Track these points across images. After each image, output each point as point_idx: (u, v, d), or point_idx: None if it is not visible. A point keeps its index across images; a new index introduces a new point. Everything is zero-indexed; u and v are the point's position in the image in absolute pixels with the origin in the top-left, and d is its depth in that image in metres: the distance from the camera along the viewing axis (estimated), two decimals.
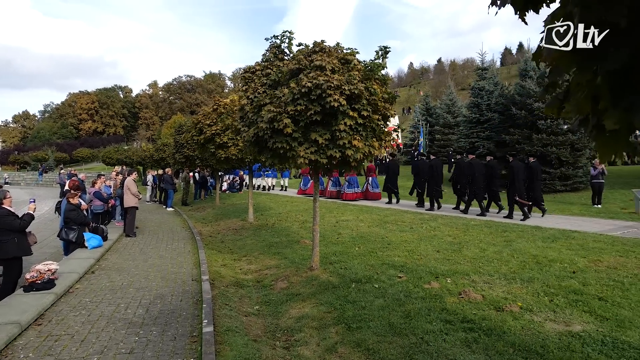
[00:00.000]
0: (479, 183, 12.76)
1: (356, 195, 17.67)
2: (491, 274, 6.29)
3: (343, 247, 8.41)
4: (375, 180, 18.16)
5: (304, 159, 5.58)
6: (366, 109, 5.63)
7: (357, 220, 11.88)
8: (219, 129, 11.50)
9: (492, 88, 21.36)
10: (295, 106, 5.51)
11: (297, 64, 5.68)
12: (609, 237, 8.82)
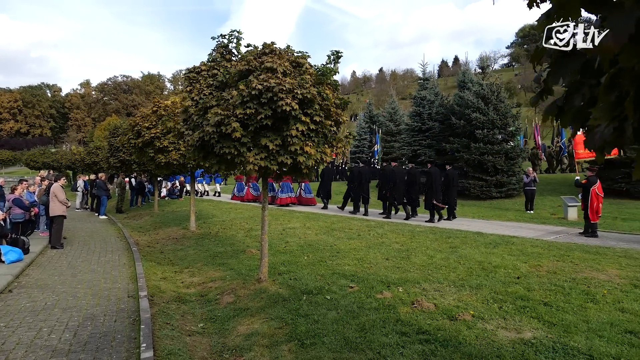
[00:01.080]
0: (400, 189, 13.45)
1: (290, 200, 17.91)
2: (441, 281, 6.31)
3: (291, 257, 8.15)
4: (308, 185, 18.57)
5: (253, 165, 5.28)
6: (319, 114, 5.45)
7: (304, 227, 11.67)
8: (159, 132, 10.83)
9: (433, 98, 22.12)
10: (244, 109, 5.21)
11: (247, 65, 5.38)
12: (545, 242, 9.27)
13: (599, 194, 10.44)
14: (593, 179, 10.59)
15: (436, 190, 12.80)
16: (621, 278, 6.26)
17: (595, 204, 10.33)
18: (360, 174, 14.78)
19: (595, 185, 10.44)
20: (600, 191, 10.50)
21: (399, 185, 13.58)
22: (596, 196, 10.39)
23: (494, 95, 19.16)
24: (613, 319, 4.71)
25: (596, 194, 10.41)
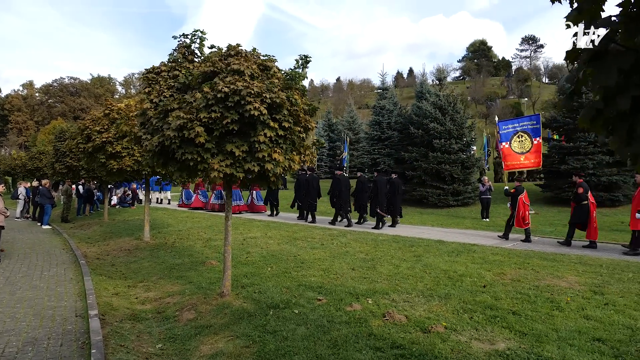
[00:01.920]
0: (344, 197, 13.79)
1: (240, 208, 17.84)
2: (409, 291, 6.22)
3: (254, 268, 7.82)
4: (259, 193, 18.61)
5: (218, 173, 4.97)
6: (287, 119, 5.23)
7: (266, 237, 11.34)
8: (111, 136, 10.18)
9: (392, 107, 22.47)
10: (209, 113, 4.90)
11: (212, 67, 5.08)
12: (504, 249, 9.47)
13: (526, 203, 11.19)
14: (520, 189, 11.37)
15: (381, 199, 13.19)
16: (580, 285, 6.43)
17: (522, 212, 11.08)
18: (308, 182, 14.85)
19: (522, 195, 11.22)
20: (526, 200, 11.27)
21: (344, 193, 13.94)
22: (523, 204, 11.13)
23: (450, 106, 19.68)
24: (580, 326, 4.77)
25: (523, 203, 11.16)
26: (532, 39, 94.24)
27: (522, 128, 13.59)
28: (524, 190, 11.32)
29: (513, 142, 13.52)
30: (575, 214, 10.41)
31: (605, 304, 5.50)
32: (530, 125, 13.55)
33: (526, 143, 13.48)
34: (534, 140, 13.45)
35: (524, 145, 13.46)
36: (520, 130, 13.59)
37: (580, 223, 10.31)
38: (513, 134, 13.60)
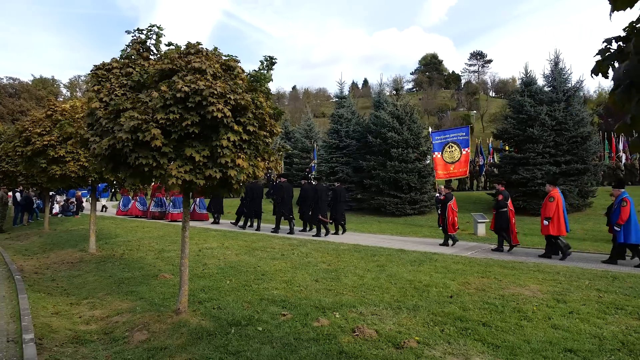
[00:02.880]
0: (287, 204, 14.03)
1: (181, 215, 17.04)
2: (376, 304, 6.02)
3: (212, 281, 7.36)
4: (202, 201, 18.33)
5: (176, 179, 4.55)
6: (252, 123, 4.90)
7: (223, 247, 10.84)
8: (54, 139, 9.34)
9: (350, 116, 22.52)
10: (166, 114, 4.49)
11: (170, 64, 4.68)
12: (465, 258, 9.53)
13: (454, 209, 11.89)
14: (449, 196, 12.04)
15: (322, 206, 13.45)
16: (543, 293, 6.49)
17: (451, 218, 11.72)
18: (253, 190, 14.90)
19: (451, 202, 11.86)
20: (455, 207, 11.98)
21: (286, 201, 14.16)
22: (452, 211, 11.77)
23: (407, 115, 19.97)
24: (550, 337, 4.74)
25: (452, 209, 11.79)
26: (480, 54, 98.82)
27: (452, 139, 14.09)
28: (453, 197, 12.02)
29: (444, 152, 13.99)
30: (497, 221, 11.05)
31: (570, 313, 5.54)
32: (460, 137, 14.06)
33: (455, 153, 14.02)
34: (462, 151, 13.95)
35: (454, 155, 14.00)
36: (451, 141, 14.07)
37: (502, 228, 10.95)
38: (444, 144, 14.08)
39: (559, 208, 9.98)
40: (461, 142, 14.03)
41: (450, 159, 14.04)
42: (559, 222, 9.86)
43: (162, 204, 18.82)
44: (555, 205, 9.95)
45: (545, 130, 17.83)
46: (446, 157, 14.06)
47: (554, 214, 9.90)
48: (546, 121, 17.86)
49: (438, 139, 14.24)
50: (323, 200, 13.58)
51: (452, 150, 14.06)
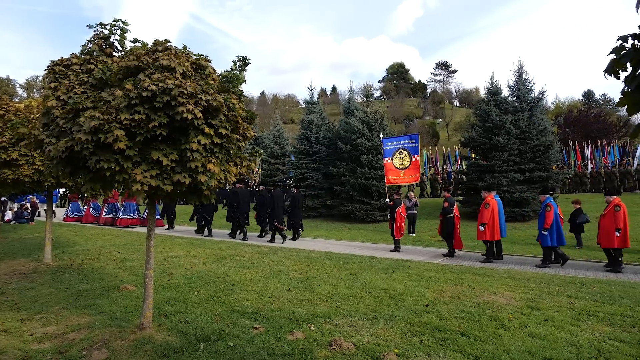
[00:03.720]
0: (244, 210, 13.99)
1: (132, 221, 17.27)
2: (352, 314, 5.83)
3: (178, 293, 6.97)
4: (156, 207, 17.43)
5: (141, 185, 4.21)
6: (225, 126, 4.63)
7: (189, 256, 10.41)
8: (5, 141, 8.68)
9: (320, 122, 22.41)
10: (131, 114, 4.16)
11: (136, 61, 4.35)
12: (437, 265, 9.51)
13: (402, 215, 12.18)
14: (398, 201, 12.32)
15: (278, 212, 13.51)
16: (517, 300, 6.49)
17: (399, 223, 11.97)
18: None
19: (399, 207, 12.25)
20: (403, 212, 12.29)
21: (242, 207, 14.14)
22: (400, 216, 12.05)
23: (377, 122, 20.06)
24: (528, 346, 4.68)
25: (400, 215, 12.07)
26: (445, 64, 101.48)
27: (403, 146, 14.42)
28: (402, 203, 12.40)
29: (394, 159, 14.27)
30: (444, 227, 11.42)
31: (545, 320, 5.54)
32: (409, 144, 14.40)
33: (405, 160, 14.34)
34: (412, 158, 14.29)
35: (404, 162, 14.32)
36: (401, 148, 14.37)
37: (449, 233, 11.32)
38: (395, 150, 14.39)
39: (495, 214, 10.39)
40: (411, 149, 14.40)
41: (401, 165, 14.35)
42: (494, 228, 10.30)
43: (116, 210, 18.16)
44: (491, 212, 10.36)
45: (510, 138, 18.29)
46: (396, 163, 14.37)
47: (490, 219, 10.31)
48: (511, 130, 18.33)
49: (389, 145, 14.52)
50: (279, 206, 13.67)
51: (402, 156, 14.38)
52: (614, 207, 9.46)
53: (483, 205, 10.55)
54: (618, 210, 9.35)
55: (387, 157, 14.33)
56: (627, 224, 9.39)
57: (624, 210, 9.39)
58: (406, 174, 14.29)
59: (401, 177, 14.39)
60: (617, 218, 9.32)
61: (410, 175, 14.38)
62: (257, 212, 14.42)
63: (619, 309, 6.05)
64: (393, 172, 14.28)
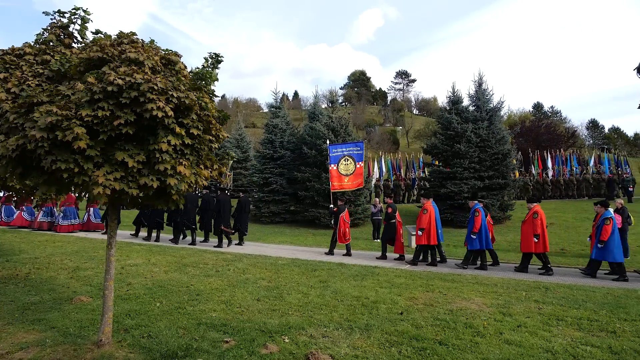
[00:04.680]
0: (190, 214, 13.85)
1: (73, 227, 16.54)
2: (326, 324, 5.63)
3: (139, 304, 6.51)
4: (97, 210, 17.50)
5: (103, 188, 3.83)
6: (197, 126, 4.33)
7: (149, 263, 9.85)
8: None
9: (285, 127, 22.17)
10: (94, 110, 3.78)
11: (100, 52, 3.98)
12: (406, 271, 9.49)
13: (346, 221, 12.49)
14: (342, 208, 12.61)
15: (224, 217, 13.45)
16: (488, 306, 6.51)
17: (342, 229, 12.30)
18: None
19: (343, 213, 12.47)
20: (347, 218, 12.59)
21: (189, 210, 14.01)
22: (344, 222, 12.37)
23: (342, 128, 20.06)
24: (506, 354, 4.64)
25: (344, 220, 12.39)
26: (405, 73, 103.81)
27: (348, 152, 14.71)
28: (346, 209, 12.69)
29: (340, 165, 14.53)
30: (386, 231, 11.89)
31: (518, 326, 5.55)
32: (355, 151, 14.73)
33: (350, 166, 14.65)
34: (357, 164, 14.63)
35: (349, 168, 14.60)
36: (347, 154, 14.66)
37: (390, 239, 11.81)
38: (341, 157, 14.63)
39: (432, 220, 10.71)
40: (356, 156, 14.70)
41: (345, 171, 14.58)
42: (430, 233, 10.62)
43: (52, 214, 17.15)
44: (428, 217, 10.69)
45: (470, 146, 18.80)
46: (342, 169, 14.57)
47: (427, 225, 10.61)
48: (472, 138, 18.85)
49: (335, 152, 14.72)
50: (225, 210, 13.59)
51: (347, 163, 14.63)
52: (533, 214, 9.92)
53: (421, 211, 10.90)
54: (536, 217, 9.82)
55: (332, 164, 14.54)
56: (545, 230, 9.84)
57: (542, 217, 9.86)
58: (350, 180, 14.53)
59: (345, 182, 14.60)
60: (535, 225, 9.79)
61: (354, 182, 14.63)
62: (200, 216, 14.19)
63: (584, 313, 6.18)
64: (338, 178, 14.47)
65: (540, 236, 9.70)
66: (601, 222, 9.30)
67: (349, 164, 14.68)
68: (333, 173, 14.54)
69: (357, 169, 14.66)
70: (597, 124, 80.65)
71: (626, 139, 74.65)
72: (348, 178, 14.66)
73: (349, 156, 14.73)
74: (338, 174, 14.57)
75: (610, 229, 9.10)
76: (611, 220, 9.18)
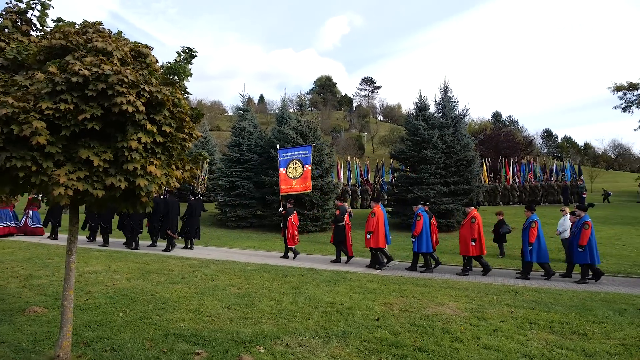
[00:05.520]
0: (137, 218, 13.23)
1: (9, 229, 15.65)
2: (302, 332, 5.43)
3: (100, 314, 6.07)
4: (37, 214, 16.69)
5: (65, 189, 3.49)
6: (169, 123, 4.05)
7: (110, 271, 9.31)
8: None
9: (252, 130, 21.80)
10: (55, 103, 3.45)
11: (64, 40, 3.64)
12: (377, 276, 9.42)
13: (294, 223, 12.52)
14: (290, 210, 12.71)
15: (172, 220, 13.22)
16: (462, 311, 6.50)
17: (291, 231, 12.30)
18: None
19: (291, 215, 12.52)
20: (295, 221, 12.64)
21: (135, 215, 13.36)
22: (292, 225, 12.40)
23: (311, 132, 19.93)
24: (486, 359, 4.60)
25: (292, 223, 12.43)
26: (370, 80, 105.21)
27: (297, 156, 14.88)
28: (294, 212, 12.79)
29: (289, 169, 14.67)
30: (336, 234, 11.81)
31: (494, 331, 5.55)
32: (302, 155, 14.92)
33: (298, 170, 14.81)
34: (304, 167, 14.81)
35: (296, 172, 14.74)
36: (295, 158, 14.83)
37: (340, 241, 11.74)
38: (289, 161, 14.76)
39: (379, 223, 10.86)
40: (304, 160, 14.83)
41: (294, 174, 14.68)
42: (378, 236, 10.80)
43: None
44: (376, 221, 10.83)
45: (437, 152, 19.10)
46: (290, 173, 14.65)
47: (375, 228, 10.77)
48: (438, 144, 19.16)
49: (284, 156, 14.80)
50: (174, 214, 13.37)
51: (295, 167, 14.75)
52: (471, 218, 10.20)
53: (370, 214, 11.07)
54: (474, 222, 10.12)
55: (282, 168, 14.59)
56: (482, 234, 10.14)
57: (479, 221, 10.18)
58: (298, 183, 14.63)
59: (293, 185, 14.66)
60: (472, 229, 10.10)
61: (302, 185, 14.70)
62: (148, 220, 13.72)
63: (555, 316, 6.28)
64: (286, 181, 14.51)
65: (477, 240, 9.99)
66: (580, 226, 9.58)
67: (297, 167, 14.80)
68: (282, 177, 14.62)
69: (305, 172, 14.80)
70: (551, 133, 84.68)
71: (577, 148, 78.74)
72: (296, 181, 14.76)
73: (297, 160, 14.85)
74: (286, 177, 14.66)
75: (589, 232, 9.34)
76: (590, 224, 9.44)
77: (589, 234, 9.31)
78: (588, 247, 9.28)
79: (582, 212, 9.93)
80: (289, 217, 12.47)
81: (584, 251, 9.30)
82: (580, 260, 9.42)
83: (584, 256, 9.32)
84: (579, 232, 9.52)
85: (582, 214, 9.86)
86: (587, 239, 9.27)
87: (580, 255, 9.37)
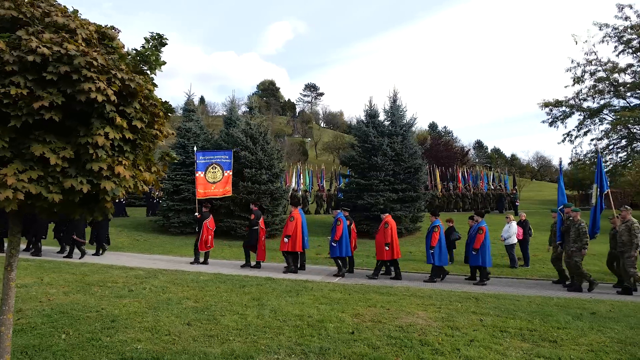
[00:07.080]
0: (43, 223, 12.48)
1: None
2: (275, 350, 5.00)
3: (38, 338, 5.23)
4: None
5: (13, 192, 2.85)
6: (141, 117, 3.51)
7: (43, 284, 8.27)
8: None
9: (199, 131, 20.85)
10: (4, 87, 2.82)
11: (14, 10, 3.01)
12: (340, 285, 9.17)
13: (210, 228, 12.50)
14: (206, 214, 12.67)
15: (77, 225, 12.52)
16: (434, 320, 6.39)
17: (205, 236, 12.27)
18: None
19: (207, 220, 12.50)
20: (211, 225, 12.64)
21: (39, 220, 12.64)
22: (207, 229, 12.37)
23: (261, 136, 19.41)
24: None
25: (207, 228, 12.41)
26: (314, 86, 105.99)
27: (216, 160, 14.89)
28: (210, 216, 12.74)
29: (207, 173, 14.63)
30: (249, 237, 12.07)
31: (471, 341, 5.46)
32: (224, 159, 14.96)
33: (218, 174, 14.87)
34: (224, 172, 14.87)
35: (216, 176, 14.78)
36: (215, 162, 14.82)
37: (251, 245, 11.93)
38: (208, 164, 14.73)
39: (297, 227, 11.08)
40: (224, 165, 14.78)
41: (213, 179, 14.61)
42: (295, 240, 10.99)
43: None
44: (294, 225, 11.05)
45: (386, 159, 19.34)
46: (209, 177, 14.60)
47: (293, 232, 10.98)
48: (387, 152, 19.41)
49: (202, 159, 14.61)
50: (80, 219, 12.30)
51: (215, 171, 14.71)
52: (384, 224, 10.55)
53: (288, 218, 11.21)
54: (387, 227, 10.47)
55: (199, 171, 14.32)
56: (395, 239, 10.52)
57: (392, 227, 10.52)
58: (217, 187, 14.53)
59: (212, 190, 14.47)
60: (385, 234, 10.46)
61: (221, 189, 14.55)
62: (55, 224, 12.86)
63: (522, 323, 6.35)
64: (204, 185, 14.27)
65: (390, 245, 10.23)
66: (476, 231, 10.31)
67: (217, 171, 14.64)
68: (199, 180, 14.25)
69: (225, 177, 14.66)
70: (482, 144, 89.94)
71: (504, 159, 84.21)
72: (215, 186, 14.59)
73: (217, 164, 14.67)
74: (205, 181, 14.38)
75: (482, 237, 10.10)
76: (484, 229, 10.21)
77: (482, 239, 10.05)
78: (481, 250, 9.97)
79: (480, 217, 10.67)
80: (205, 221, 12.38)
81: (477, 254, 10.03)
82: (473, 263, 10.20)
83: (476, 258, 10.08)
84: (474, 236, 10.20)
85: (479, 220, 10.59)
86: (481, 243, 10.00)
87: (473, 258, 10.13)
